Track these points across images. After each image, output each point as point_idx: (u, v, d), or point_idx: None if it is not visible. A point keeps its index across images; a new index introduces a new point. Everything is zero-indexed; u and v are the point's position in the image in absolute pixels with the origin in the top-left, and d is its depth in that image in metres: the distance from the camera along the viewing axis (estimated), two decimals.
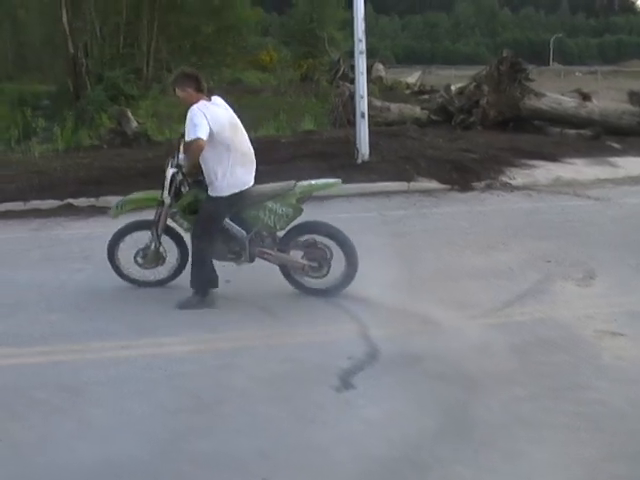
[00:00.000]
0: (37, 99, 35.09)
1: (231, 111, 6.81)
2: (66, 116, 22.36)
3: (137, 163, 15.26)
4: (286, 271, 7.06)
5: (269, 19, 61.28)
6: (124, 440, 4.40)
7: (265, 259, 6.99)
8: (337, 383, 5.06)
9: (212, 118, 6.43)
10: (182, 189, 6.83)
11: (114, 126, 19.96)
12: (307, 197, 7.01)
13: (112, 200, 12.56)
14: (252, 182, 6.86)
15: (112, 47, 40.56)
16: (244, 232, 6.85)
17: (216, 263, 6.86)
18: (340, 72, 32.16)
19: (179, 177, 6.73)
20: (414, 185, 12.52)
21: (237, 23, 44.64)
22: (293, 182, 6.99)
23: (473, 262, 7.94)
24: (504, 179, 12.76)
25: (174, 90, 6.80)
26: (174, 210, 6.94)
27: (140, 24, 39.98)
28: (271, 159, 15.04)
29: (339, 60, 34.84)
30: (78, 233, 10.19)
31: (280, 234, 7.00)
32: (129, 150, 17.50)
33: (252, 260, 7.00)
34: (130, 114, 19.49)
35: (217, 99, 6.78)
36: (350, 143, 14.09)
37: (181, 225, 7.07)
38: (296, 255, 6.96)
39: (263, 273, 7.17)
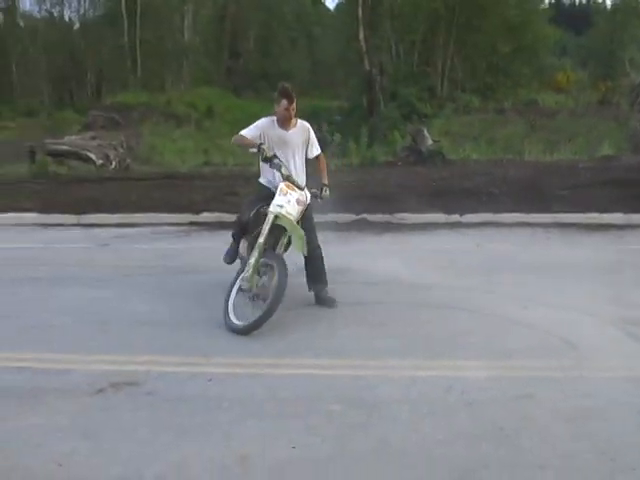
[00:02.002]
0: (329, 114, 36.44)
1: None
2: (361, 132, 23.02)
3: (432, 182, 15.46)
4: None
5: (565, 39, 59.46)
6: (421, 463, 4.35)
7: None
8: None
9: None
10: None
11: (409, 144, 20.33)
12: None
13: (407, 217, 12.93)
14: None
15: (407, 65, 41.32)
16: None
17: None
18: None
19: None
20: None
21: (534, 43, 43.91)
22: None
23: None
24: None
25: (291, 102, 7.26)
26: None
27: (436, 43, 40.44)
28: (569, 183, 14.70)
29: None
30: (375, 248, 10.88)
31: None
32: (423, 168, 17.78)
33: None
34: (426, 132, 19.75)
35: None
36: None
37: (283, 243, 7.16)
38: None
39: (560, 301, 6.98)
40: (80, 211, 14.52)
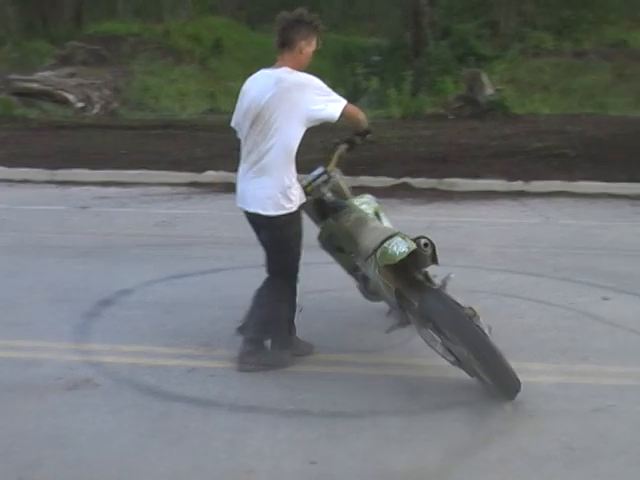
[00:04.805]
0: (365, 54, 36.26)
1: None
2: (404, 76, 22.86)
3: (491, 140, 15.38)
4: None
5: None
6: None
7: None
8: None
9: None
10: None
11: (463, 92, 20.22)
12: None
13: (458, 183, 12.83)
14: None
15: None
16: None
17: None
18: None
19: None
20: None
21: None
22: None
23: None
24: None
25: (302, 43, 5.70)
26: None
27: None
28: None
29: None
30: (417, 221, 10.40)
31: None
32: (481, 123, 17.70)
33: None
34: (485, 78, 19.63)
35: None
36: None
37: None
38: None
39: None
40: (54, 165, 14.53)
